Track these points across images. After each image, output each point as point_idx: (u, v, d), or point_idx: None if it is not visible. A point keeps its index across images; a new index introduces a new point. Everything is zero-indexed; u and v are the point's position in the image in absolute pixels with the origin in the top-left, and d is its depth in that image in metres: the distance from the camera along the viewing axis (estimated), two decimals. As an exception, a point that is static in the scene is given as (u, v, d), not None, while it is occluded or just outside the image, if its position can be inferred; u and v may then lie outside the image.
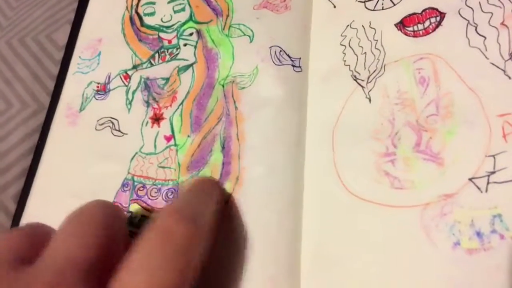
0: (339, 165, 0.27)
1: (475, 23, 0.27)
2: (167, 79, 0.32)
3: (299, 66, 0.30)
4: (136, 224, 0.28)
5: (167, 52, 0.33)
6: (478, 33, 0.27)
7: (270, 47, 0.31)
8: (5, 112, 0.38)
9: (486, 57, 0.26)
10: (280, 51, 0.31)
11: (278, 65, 0.30)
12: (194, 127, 0.30)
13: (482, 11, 0.27)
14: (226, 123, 0.29)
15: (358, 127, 0.27)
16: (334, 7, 0.32)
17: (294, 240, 0.26)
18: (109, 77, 0.34)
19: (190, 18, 0.34)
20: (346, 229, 0.25)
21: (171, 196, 0.29)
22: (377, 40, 0.29)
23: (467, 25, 0.27)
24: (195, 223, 0.22)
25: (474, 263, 0.22)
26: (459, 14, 0.28)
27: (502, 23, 0.27)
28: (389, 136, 0.26)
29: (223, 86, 0.31)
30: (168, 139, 0.30)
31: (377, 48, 0.29)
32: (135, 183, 0.30)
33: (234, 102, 0.30)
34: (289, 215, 0.26)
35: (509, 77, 0.25)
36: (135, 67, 0.34)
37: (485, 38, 0.27)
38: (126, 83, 0.33)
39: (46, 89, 0.38)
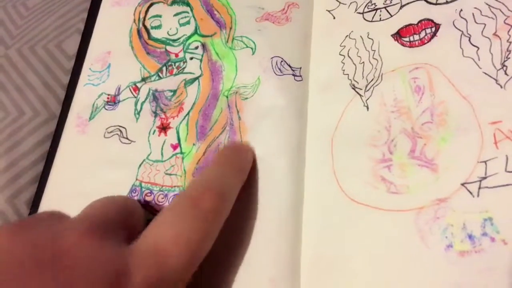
0: (338, 171, 0.28)
1: (468, 34, 0.28)
2: (174, 91, 0.34)
3: (300, 76, 0.31)
4: None
5: (175, 65, 0.35)
6: (471, 44, 0.28)
7: (272, 58, 0.32)
8: (18, 119, 0.39)
9: (479, 66, 0.27)
10: (281, 61, 0.32)
11: (279, 75, 0.31)
12: (200, 136, 0.31)
13: (475, 22, 0.28)
14: (230, 133, 0.31)
15: (356, 135, 0.28)
16: (334, 18, 0.33)
17: (295, 242, 0.27)
18: (119, 88, 0.35)
19: (195, 32, 0.36)
20: (344, 231, 0.26)
21: None
22: (374, 50, 0.30)
23: (461, 36, 0.28)
24: (222, 197, 0.24)
25: (466, 264, 0.23)
26: (454, 25, 0.29)
27: (495, 34, 0.28)
28: (386, 143, 0.27)
29: (227, 97, 0.32)
30: (174, 147, 0.32)
31: (374, 58, 0.30)
32: (143, 189, 0.31)
33: (238, 112, 0.31)
34: (289, 219, 0.27)
35: (501, 86, 0.26)
36: (144, 79, 0.35)
37: (478, 48, 0.28)
38: (135, 95, 0.34)
39: (57, 98, 0.40)
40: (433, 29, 0.29)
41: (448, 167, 0.25)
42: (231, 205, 0.25)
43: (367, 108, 0.29)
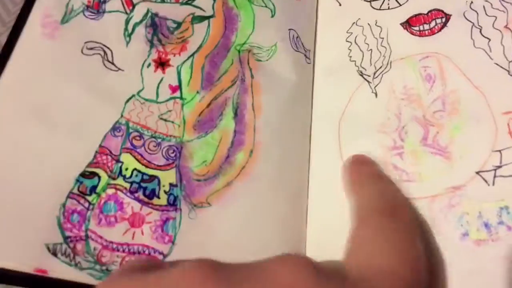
0: (346, 156, 0.27)
1: (479, 26, 0.28)
2: (179, 24, 0.29)
3: (309, 58, 0.30)
4: (126, 176, 0.25)
5: None
6: (482, 35, 0.28)
7: (289, 30, 0.30)
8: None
9: (490, 57, 0.27)
10: (297, 37, 0.31)
11: (295, 50, 0.30)
12: (205, 84, 0.28)
13: (486, 14, 0.28)
14: (241, 89, 0.28)
15: (365, 121, 0.28)
16: (340, 5, 0.32)
17: (300, 227, 0.25)
18: None
19: None
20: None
21: (172, 154, 0.26)
22: (383, 38, 0.30)
23: (471, 27, 0.28)
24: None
25: (482, 253, 0.22)
26: (464, 16, 0.29)
27: (506, 26, 0.27)
28: (396, 129, 0.27)
29: (239, 51, 0.29)
30: (173, 89, 0.27)
31: (383, 46, 0.30)
32: (130, 130, 0.26)
33: (250, 70, 0.29)
34: (295, 203, 0.26)
35: (514, 77, 0.26)
36: None
37: (489, 40, 0.27)
38: (128, 10, 0.29)
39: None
40: (444, 19, 0.29)
41: (462, 156, 0.25)
42: None
43: (376, 95, 0.28)
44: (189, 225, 0.24)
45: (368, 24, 0.31)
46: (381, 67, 0.29)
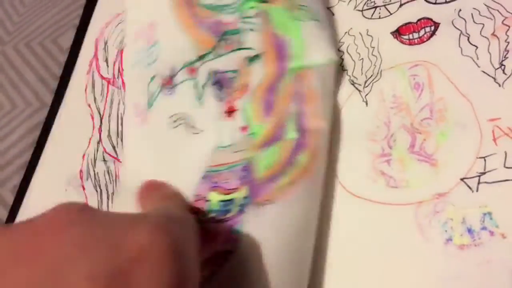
0: (337, 163, 0.28)
1: (467, 33, 0.29)
2: (236, 72, 0.29)
3: None
4: (213, 210, 0.26)
5: (233, 39, 0.30)
6: (470, 43, 0.28)
7: (335, 44, 0.30)
8: (11, 112, 0.38)
9: (477, 65, 0.27)
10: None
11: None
12: (267, 111, 0.28)
13: (474, 22, 0.29)
14: (299, 102, 0.27)
15: (355, 129, 0.28)
16: (333, 15, 0.33)
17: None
18: (173, 69, 0.31)
19: None
20: (342, 224, 0.26)
21: (244, 173, 0.26)
22: (374, 47, 0.31)
23: (460, 35, 0.29)
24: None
25: (466, 257, 0.23)
26: (453, 24, 0.29)
27: (493, 34, 0.28)
28: (385, 138, 0.27)
29: (295, 72, 0.28)
30: (243, 129, 0.28)
31: (373, 55, 0.30)
32: (212, 173, 0.27)
33: (307, 82, 0.28)
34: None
35: (499, 85, 0.26)
36: (200, 58, 0.30)
37: (476, 47, 0.28)
38: (193, 77, 0.30)
39: (49, 88, 0.39)
40: (433, 27, 0.30)
41: (448, 162, 0.25)
42: None
43: (366, 104, 0.29)
44: (253, 223, 0.25)
45: (360, 33, 0.31)
46: (371, 76, 0.30)
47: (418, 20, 0.30)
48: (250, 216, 0.25)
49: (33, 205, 0.31)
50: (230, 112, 0.29)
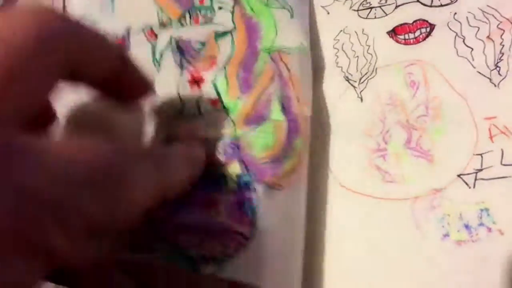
0: (332, 158, 0.27)
1: (463, 35, 0.29)
2: (203, 44, 0.29)
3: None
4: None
5: (200, 13, 0.30)
6: (465, 45, 0.28)
7: (306, 32, 0.30)
8: None
9: (473, 66, 0.28)
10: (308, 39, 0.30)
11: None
12: (244, 88, 0.27)
13: (469, 25, 0.29)
14: (281, 83, 0.27)
15: (350, 124, 0.28)
16: (328, 13, 0.33)
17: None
18: (129, 31, 0.30)
19: None
20: (337, 219, 0.25)
21: (230, 150, 0.25)
22: (369, 46, 0.30)
23: (455, 37, 0.29)
24: None
25: (463, 253, 0.23)
26: (448, 26, 0.29)
27: (488, 37, 0.28)
28: (381, 133, 0.27)
29: (268, 53, 0.28)
30: (214, 102, 0.27)
31: (369, 53, 0.30)
32: None
33: (285, 65, 0.28)
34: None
35: (495, 85, 0.27)
36: (162, 25, 0.30)
37: (472, 49, 0.28)
38: (152, 41, 0.29)
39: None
40: (428, 29, 0.30)
41: (444, 159, 0.25)
42: None
43: (361, 100, 0.29)
44: (268, 206, 0.24)
45: (355, 31, 0.31)
46: (366, 73, 0.29)
47: (414, 21, 0.30)
48: (262, 196, 0.24)
49: None
50: (196, 82, 0.28)
